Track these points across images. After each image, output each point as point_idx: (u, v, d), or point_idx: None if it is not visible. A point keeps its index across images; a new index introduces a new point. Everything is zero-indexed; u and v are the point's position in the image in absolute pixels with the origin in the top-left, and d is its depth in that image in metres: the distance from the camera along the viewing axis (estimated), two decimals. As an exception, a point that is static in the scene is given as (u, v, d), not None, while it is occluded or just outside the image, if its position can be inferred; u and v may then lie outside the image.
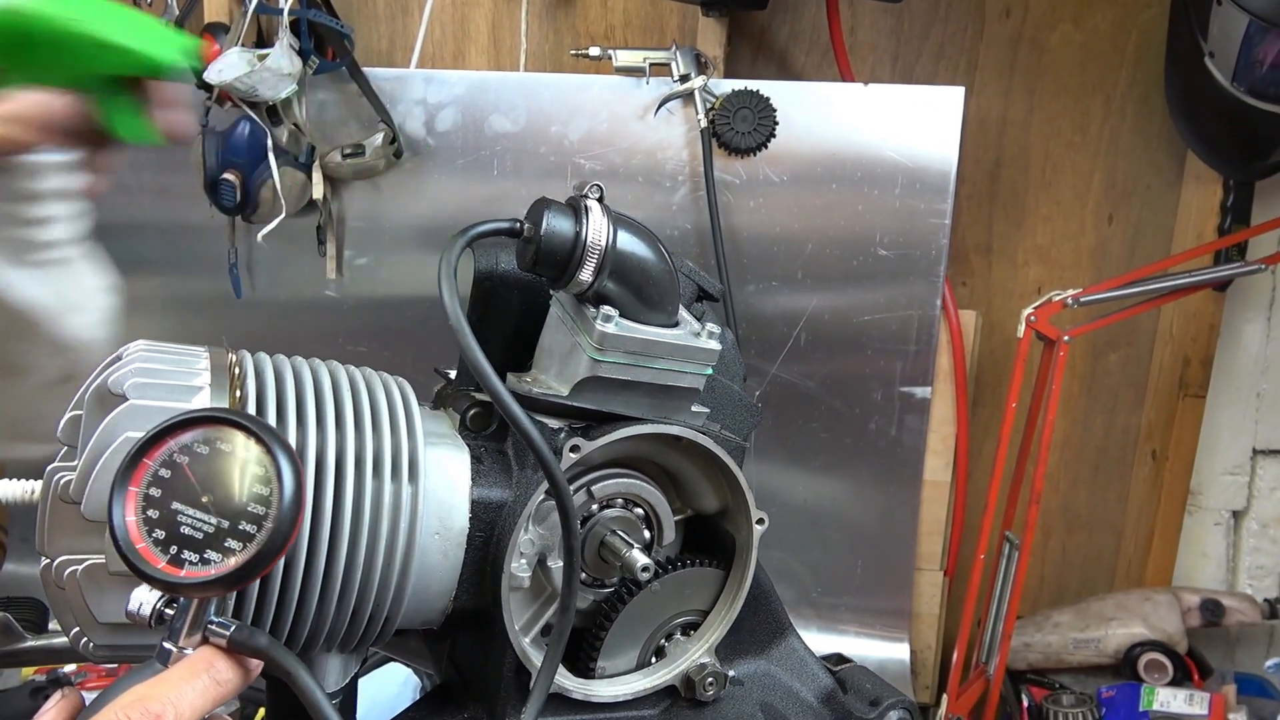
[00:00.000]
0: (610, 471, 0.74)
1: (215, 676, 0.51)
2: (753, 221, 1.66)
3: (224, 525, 0.50)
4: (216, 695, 0.51)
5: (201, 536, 0.50)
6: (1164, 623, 1.67)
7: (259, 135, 1.56)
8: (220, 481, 0.51)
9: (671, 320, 0.72)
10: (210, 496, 0.50)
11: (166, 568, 0.49)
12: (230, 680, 0.52)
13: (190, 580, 0.50)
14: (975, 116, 1.78)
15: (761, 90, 1.61)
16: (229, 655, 0.52)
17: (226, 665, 0.52)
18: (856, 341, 1.69)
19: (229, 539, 0.50)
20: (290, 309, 1.79)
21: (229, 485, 0.50)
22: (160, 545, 0.50)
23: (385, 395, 0.67)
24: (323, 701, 0.52)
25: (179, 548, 0.50)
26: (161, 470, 0.51)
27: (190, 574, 0.50)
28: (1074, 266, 1.84)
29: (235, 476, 0.51)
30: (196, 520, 0.50)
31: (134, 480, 0.50)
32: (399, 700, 1.29)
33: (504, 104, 1.67)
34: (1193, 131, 1.66)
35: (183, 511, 0.50)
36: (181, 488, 0.50)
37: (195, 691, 0.50)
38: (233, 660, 0.52)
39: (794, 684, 0.80)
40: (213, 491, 0.50)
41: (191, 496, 0.50)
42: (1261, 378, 1.77)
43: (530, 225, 0.66)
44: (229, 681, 0.52)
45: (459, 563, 0.66)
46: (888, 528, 1.76)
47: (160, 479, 0.50)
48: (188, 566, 0.50)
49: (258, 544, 0.50)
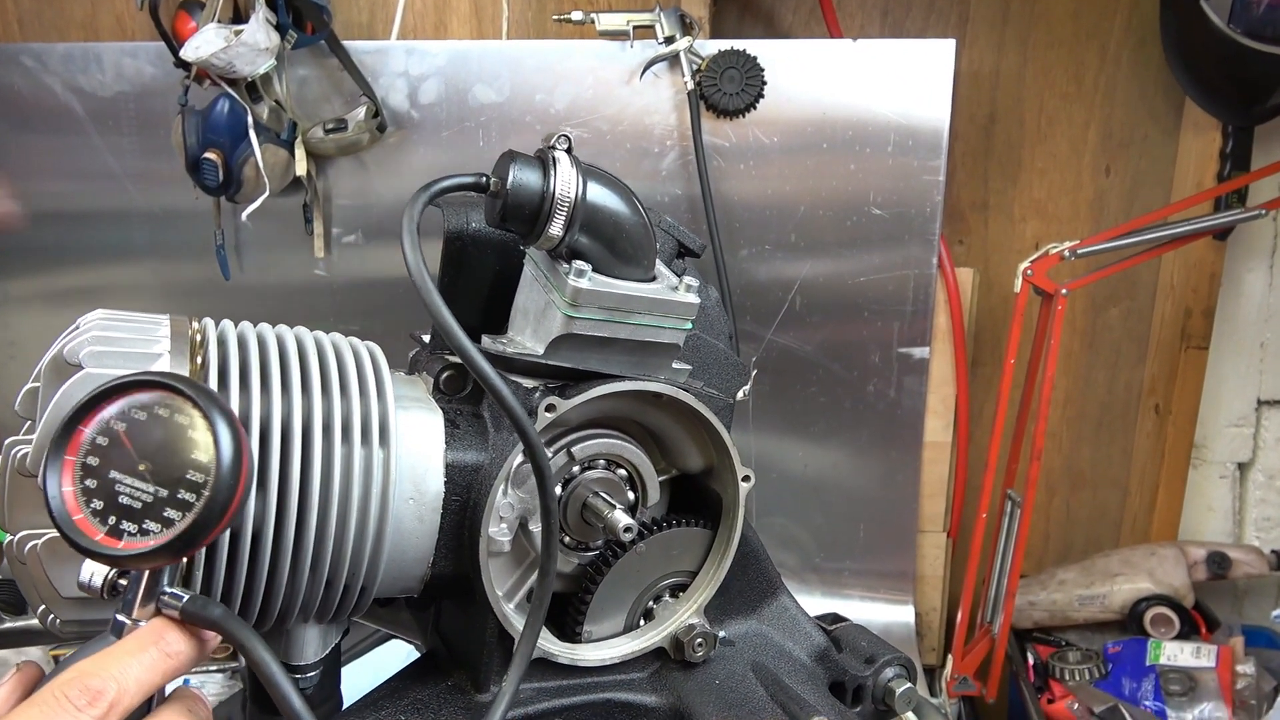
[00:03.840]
0: (591, 432, 0.72)
1: (165, 649, 0.49)
2: (744, 185, 1.63)
3: (162, 494, 0.48)
4: (166, 669, 0.49)
5: (140, 506, 0.48)
6: (1169, 577, 1.66)
7: (239, 113, 1.54)
8: (159, 449, 0.48)
9: (648, 275, 0.70)
10: (148, 464, 0.48)
11: (105, 539, 0.48)
12: (182, 653, 0.50)
13: (129, 552, 0.47)
14: (968, 70, 1.75)
15: (748, 50, 1.57)
16: (182, 627, 0.50)
17: (178, 637, 0.50)
18: (853, 303, 1.66)
19: (168, 508, 0.48)
20: (279, 289, 1.77)
21: (167, 453, 0.48)
22: (98, 516, 0.48)
23: (355, 359, 0.65)
24: (277, 674, 0.50)
25: (118, 518, 0.48)
26: (99, 438, 0.48)
27: (129, 545, 0.48)
28: (1072, 220, 1.81)
29: (173, 444, 0.48)
30: (135, 489, 0.48)
31: (70, 449, 0.48)
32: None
33: (487, 73, 1.64)
34: (1190, 77, 1.62)
35: (121, 480, 0.48)
36: (119, 456, 0.48)
37: (142, 665, 0.48)
38: (186, 632, 0.50)
39: (786, 643, 0.79)
40: (151, 459, 0.48)
41: (129, 465, 0.48)
42: (1265, 327, 1.74)
43: (497, 179, 0.64)
44: (180, 654, 0.50)
45: (435, 528, 0.65)
46: (889, 490, 1.74)
47: (98, 447, 0.48)
48: (126, 538, 0.48)
49: (194, 513, 0.47)
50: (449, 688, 0.70)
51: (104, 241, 1.78)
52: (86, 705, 0.45)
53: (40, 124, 1.71)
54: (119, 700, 0.46)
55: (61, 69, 1.68)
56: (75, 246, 1.78)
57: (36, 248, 1.78)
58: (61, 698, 0.45)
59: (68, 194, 1.75)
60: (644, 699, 0.73)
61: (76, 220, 1.77)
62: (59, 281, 1.80)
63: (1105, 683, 1.60)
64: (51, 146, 1.72)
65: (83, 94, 1.69)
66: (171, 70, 1.57)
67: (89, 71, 1.68)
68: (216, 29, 1.47)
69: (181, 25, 1.55)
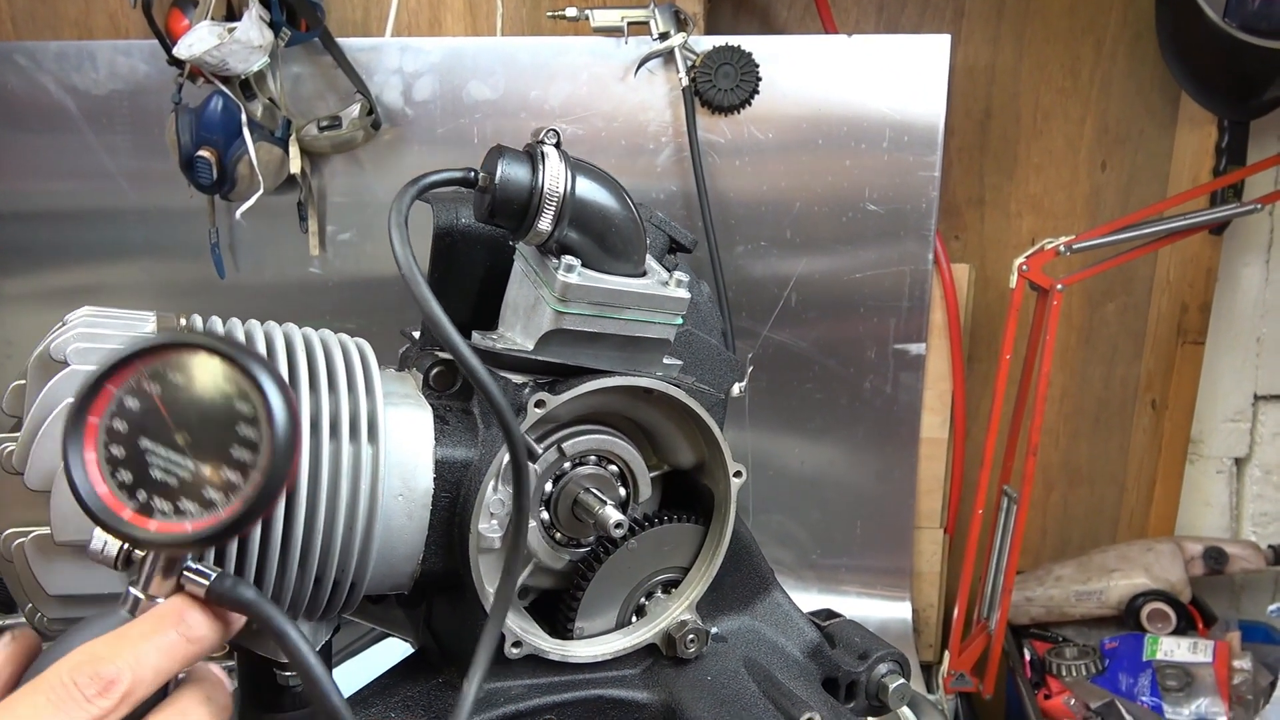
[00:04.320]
0: (582, 428, 0.72)
1: (187, 633, 0.43)
2: (739, 181, 1.63)
3: (203, 471, 0.42)
4: (186, 654, 0.43)
5: (176, 483, 0.42)
6: (1166, 572, 1.66)
7: (232, 110, 1.54)
8: (200, 419, 0.42)
9: (638, 270, 0.70)
10: (186, 435, 0.42)
11: (134, 517, 0.42)
12: (205, 637, 0.44)
13: (164, 537, 0.42)
14: (963, 65, 1.75)
15: (743, 46, 1.57)
16: (205, 608, 0.45)
17: (201, 619, 0.44)
18: (848, 300, 1.66)
19: (208, 488, 0.42)
20: (275, 288, 1.77)
21: (210, 424, 0.42)
22: (126, 490, 0.42)
23: (344, 355, 0.65)
24: (317, 667, 0.44)
25: (148, 494, 0.42)
26: (128, 400, 0.42)
27: (164, 528, 0.42)
28: (1068, 215, 1.81)
29: (218, 414, 0.42)
30: (170, 463, 0.42)
31: (94, 409, 0.42)
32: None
33: (482, 70, 1.64)
34: (1185, 71, 1.62)
35: (154, 451, 0.42)
36: (153, 423, 0.42)
37: (160, 651, 0.42)
38: (209, 614, 0.45)
39: (779, 639, 0.79)
40: (190, 430, 0.42)
41: (164, 434, 0.42)
42: (1261, 322, 1.74)
43: (485, 174, 0.64)
44: (203, 639, 0.44)
45: (425, 524, 0.65)
46: (886, 487, 1.74)
47: (127, 410, 0.42)
48: (159, 518, 0.42)
49: (244, 496, 0.41)
50: (440, 684, 0.69)
51: (99, 240, 1.78)
52: (97, 695, 0.40)
53: (34, 123, 1.71)
54: (133, 690, 0.41)
55: (55, 67, 1.68)
56: (70, 245, 1.78)
57: (31, 247, 1.78)
58: (70, 684, 0.39)
59: (62, 193, 1.75)
60: (635, 695, 0.73)
61: (71, 219, 1.77)
62: (54, 280, 1.80)
63: (1102, 678, 1.60)
64: (45, 145, 1.72)
65: (76, 92, 1.69)
66: (165, 68, 1.57)
67: (83, 70, 1.68)
68: (210, 26, 1.47)
69: (175, 23, 1.54)
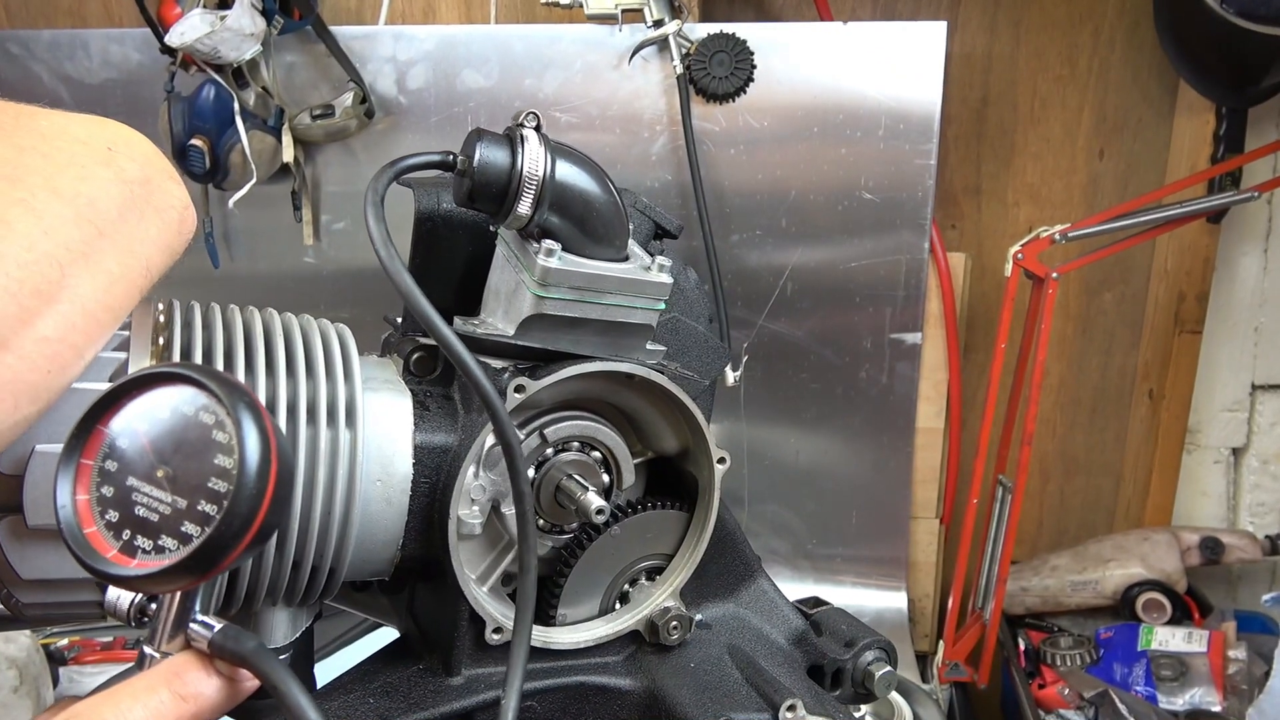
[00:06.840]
0: (563, 414, 0.71)
1: (181, 690, 0.42)
2: (734, 170, 1.62)
3: (180, 505, 0.42)
4: (180, 714, 0.42)
5: (157, 519, 0.42)
6: (1162, 562, 1.65)
7: (225, 99, 1.53)
8: (180, 453, 0.42)
9: (620, 254, 0.69)
10: (167, 471, 0.42)
11: (116, 557, 0.42)
12: (203, 695, 0.43)
13: (139, 573, 0.41)
14: (959, 53, 1.74)
15: (738, 33, 1.56)
16: (208, 665, 0.43)
17: (200, 677, 0.43)
18: (844, 289, 1.66)
19: (186, 522, 0.41)
20: (269, 277, 1.77)
21: (189, 457, 0.42)
22: (113, 530, 0.42)
23: (322, 340, 0.64)
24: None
25: (133, 533, 0.42)
26: (120, 440, 0.43)
27: (141, 564, 0.41)
28: (1065, 204, 1.80)
29: (197, 447, 0.42)
30: (153, 499, 0.42)
31: (87, 451, 0.42)
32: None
33: (476, 58, 1.64)
34: (1183, 59, 1.61)
35: (138, 489, 0.42)
36: (138, 461, 0.42)
37: (148, 710, 0.41)
38: (212, 671, 0.43)
39: (764, 626, 0.78)
40: (170, 464, 0.42)
41: (148, 471, 0.42)
42: (1259, 311, 1.73)
43: (464, 157, 0.63)
44: (199, 697, 0.43)
45: (404, 510, 0.64)
46: (882, 476, 1.74)
47: (117, 450, 0.43)
48: (140, 556, 0.42)
49: (211, 527, 0.41)
50: (420, 671, 0.69)
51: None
52: None
53: (27, 112, 1.70)
54: None
55: (48, 56, 1.67)
56: (64, 235, 1.78)
57: (25, 236, 1.78)
58: None
59: (56, 182, 1.75)
60: (618, 682, 0.73)
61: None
62: (48, 270, 1.80)
63: (1097, 668, 1.60)
64: (39, 134, 1.71)
65: (70, 81, 1.68)
66: (158, 57, 1.56)
67: (76, 58, 1.67)
68: (202, 14, 1.46)
69: (167, 11, 1.54)
